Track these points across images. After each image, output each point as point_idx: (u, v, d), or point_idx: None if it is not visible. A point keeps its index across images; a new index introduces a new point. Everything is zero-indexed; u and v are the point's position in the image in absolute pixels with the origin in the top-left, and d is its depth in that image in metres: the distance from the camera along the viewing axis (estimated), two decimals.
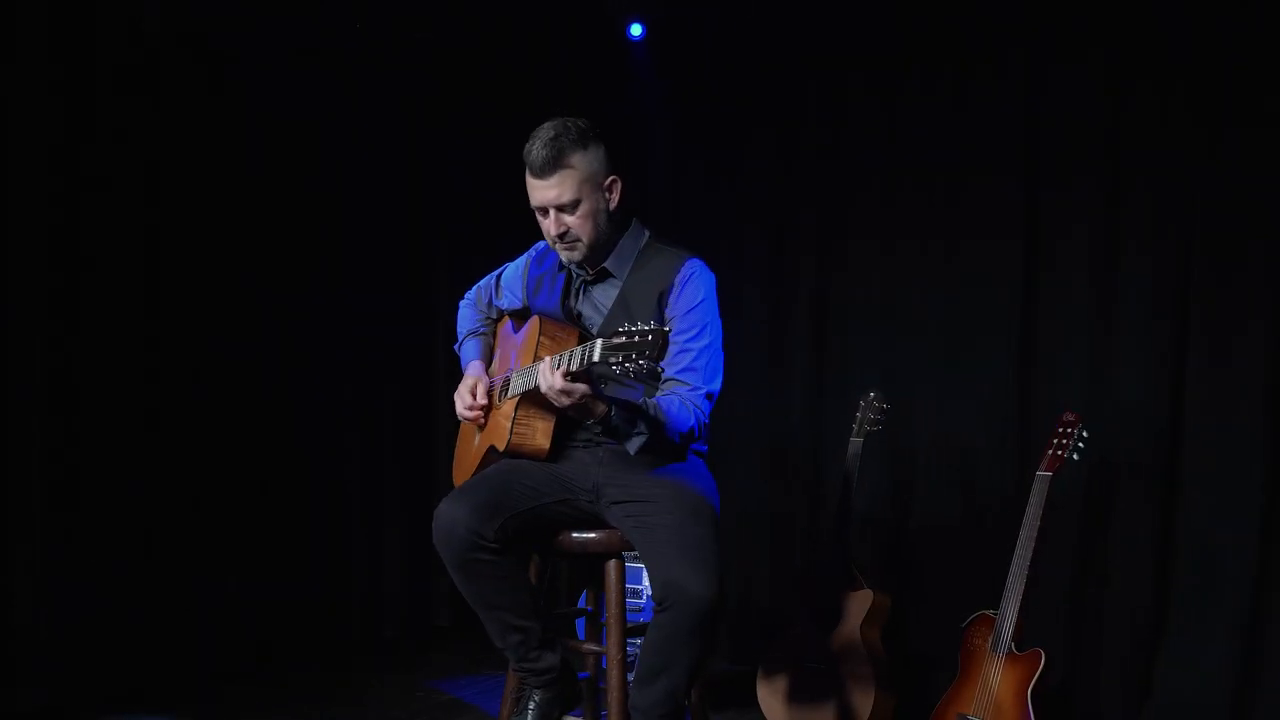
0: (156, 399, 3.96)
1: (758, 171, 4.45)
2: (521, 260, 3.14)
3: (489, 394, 3.00)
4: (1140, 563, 3.54)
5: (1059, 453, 3.33)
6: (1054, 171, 3.75)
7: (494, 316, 3.23)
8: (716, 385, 2.84)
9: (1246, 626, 3.34)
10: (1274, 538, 3.31)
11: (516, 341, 3.01)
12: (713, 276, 2.86)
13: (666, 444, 2.77)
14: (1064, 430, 3.35)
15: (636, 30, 4.71)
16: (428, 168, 4.77)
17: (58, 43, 3.64)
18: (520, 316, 3.11)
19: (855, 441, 3.70)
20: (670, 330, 2.57)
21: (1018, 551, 3.29)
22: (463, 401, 3.00)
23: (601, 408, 2.65)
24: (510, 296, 3.14)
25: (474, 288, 3.26)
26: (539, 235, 2.91)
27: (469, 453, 3.08)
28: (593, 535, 2.82)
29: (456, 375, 4.66)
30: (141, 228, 3.89)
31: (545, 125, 2.78)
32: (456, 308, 3.29)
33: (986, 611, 3.34)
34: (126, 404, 3.87)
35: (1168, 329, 3.52)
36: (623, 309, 2.83)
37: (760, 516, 4.41)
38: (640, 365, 2.38)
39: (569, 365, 2.55)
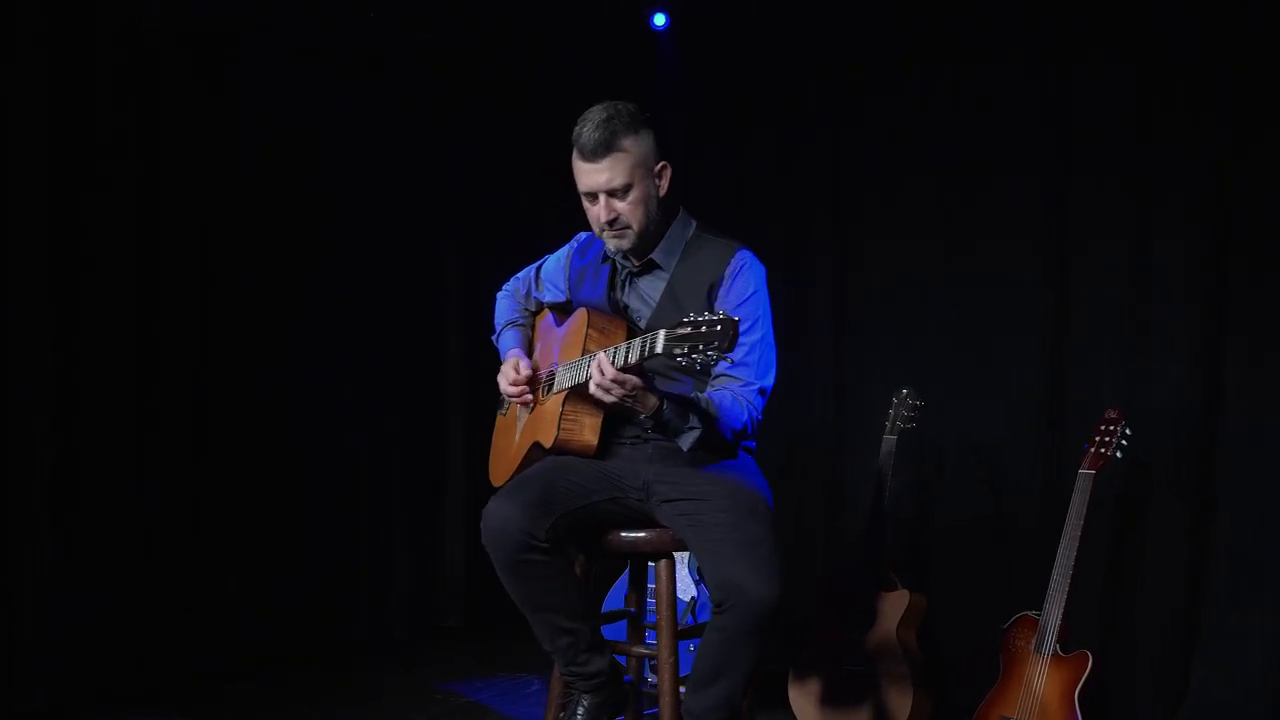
0: (157, 399, 3.89)
1: (774, 168, 4.38)
2: (563, 252, 3.04)
3: (532, 384, 2.90)
4: (1174, 563, 3.49)
5: (1103, 450, 3.28)
6: (1085, 168, 3.69)
7: (532, 309, 3.13)
8: (770, 380, 2.76)
9: None
10: None
11: (560, 335, 2.92)
12: (763, 268, 2.79)
13: (719, 440, 2.69)
14: (1106, 428, 3.30)
15: (660, 20, 4.62)
16: (428, 166, 4.70)
17: (58, 41, 3.57)
18: (562, 310, 3.01)
19: (889, 439, 3.63)
20: None
21: (1061, 551, 3.23)
22: (506, 379, 2.90)
23: (653, 401, 2.56)
24: (552, 289, 3.04)
25: (512, 279, 3.17)
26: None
27: (509, 449, 2.98)
28: (643, 534, 2.74)
29: (470, 372, 4.68)
30: (140, 227, 3.82)
31: (595, 108, 2.69)
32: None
33: (1029, 613, 3.28)
34: (127, 404, 3.80)
35: (1202, 329, 3.46)
36: (671, 301, 2.75)
37: (781, 517, 4.31)
38: (709, 356, 2.29)
39: (629, 358, 2.45)
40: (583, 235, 3.01)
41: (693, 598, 3.90)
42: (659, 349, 2.37)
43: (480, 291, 4.66)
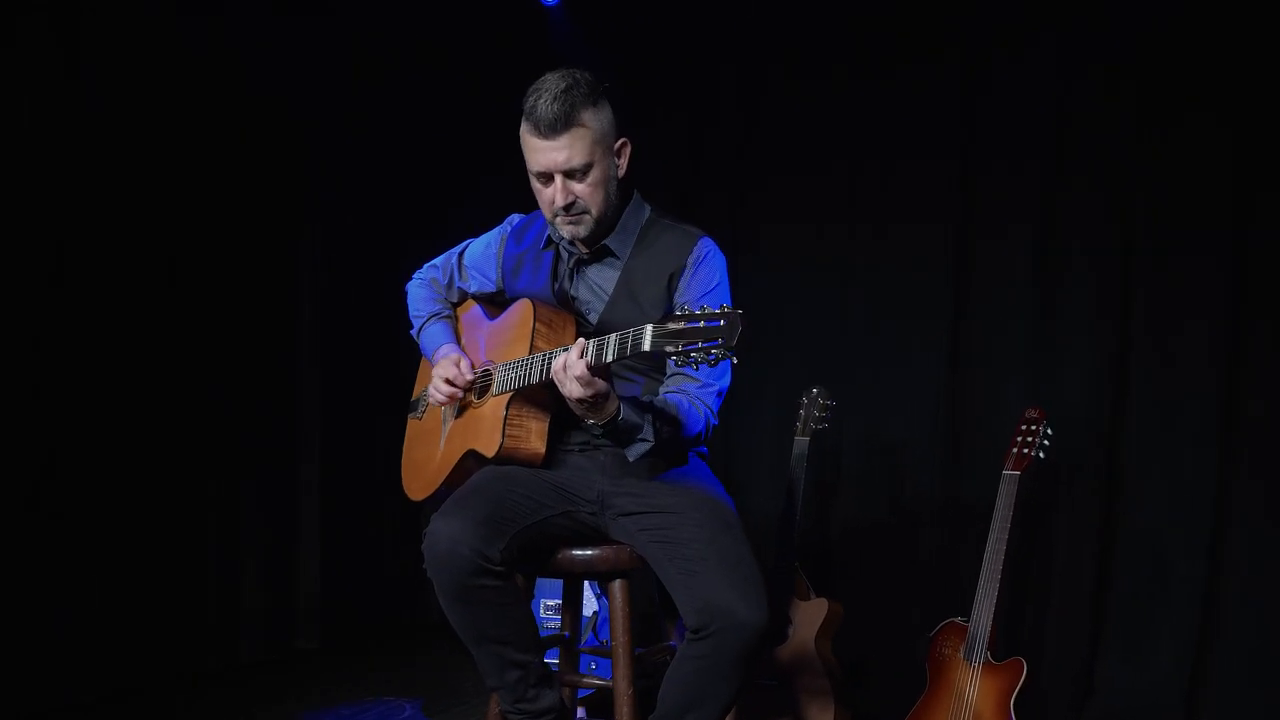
0: None
1: (669, 151, 4.17)
2: (492, 237, 2.72)
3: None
4: (1084, 563, 3.48)
5: (1025, 450, 3.21)
6: (992, 161, 3.65)
7: (454, 300, 2.79)
8: (727, 381, 2.53)
9: (1195, 627, 3.30)
10: (1223, 536, 3.29)
11: (493, 329, 2.61)
12: (724, 257, 2.56)
13: (672, 449, 2.45)
14: (1028, 428, 3.24)
15: None
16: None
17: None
18: (492, 301, 2.70)
19: (801, 441, 3.46)
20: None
21: (988, 555, 3.14)
22: (442, 379, 2.57)
23: (612, 407, 2.30)
24: (479, 278, 2.72)
25: (425, 267, 2.83)
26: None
27: (431, 459, 2.64)
28: (597, 552, 2.46)
29: (325, 372, 4.26)
30: None
31: (550, 76, 2.40)
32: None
33: (956, 620, 3.18)
34: None
35: (1111, 326, 3.46)
36: (626, 292, 2.49)
37: None
38: (710, 356, 2.03)
39: (605, 356, 2.18)
40: (516, 218, 2.71)
41: (594, 612, 3.64)
42: (645, 346, 2.11)
43: (337, 280, 4.33)
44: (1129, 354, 3.44)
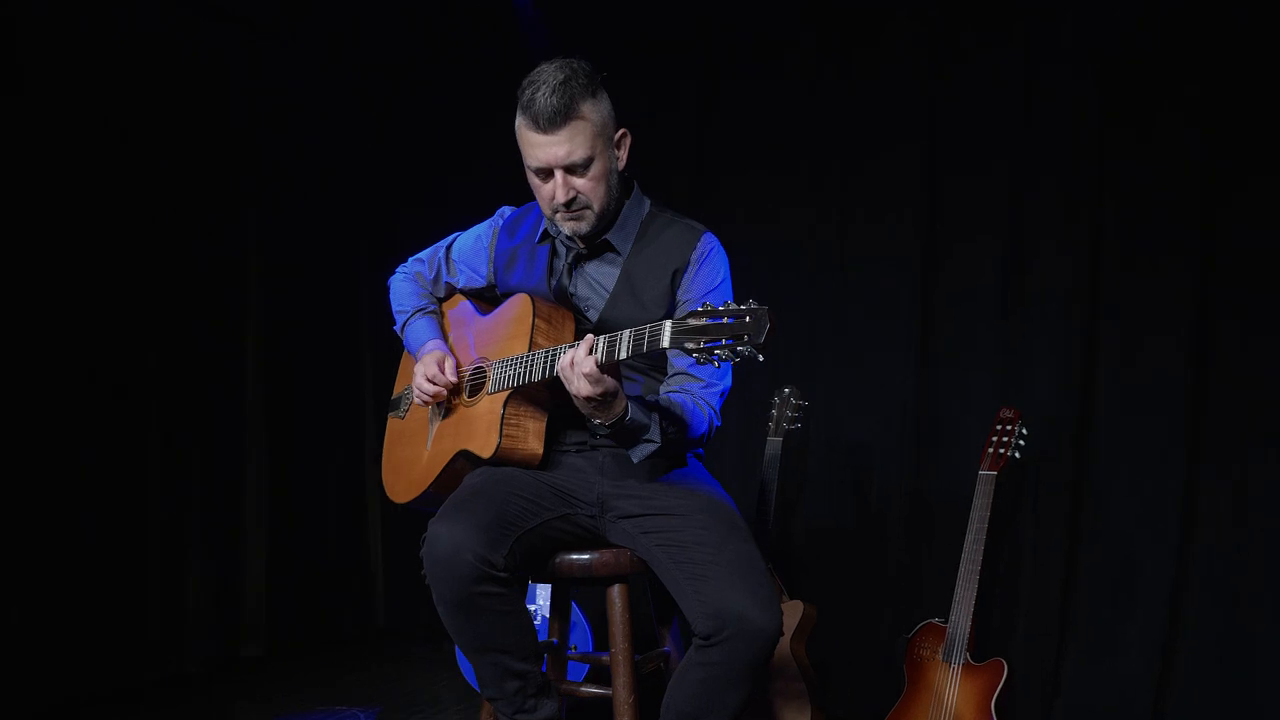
0: None
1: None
2: (483, 230, 2.62)
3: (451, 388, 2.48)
4: (1052, 564, 3.47)
5: (1001, 451, 3.22)
6: (960, 160, 3.62)
7: (441, 295, 2.69)
8: (729, 381, 2.47)
9: (1163, 628, 3.31)
10: (1190, 537, 3.31)
11: (487, 325, 2.51)
12: (726, 254, 2.49)
13: (675, 450, 2.39)
14: (1004, 428, 3.25)
15: None
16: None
17: None
18: (481, 297, 2.60)
19: (774, 441, 3.42)
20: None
21: (965, 556, 3.14)
22: (425, 377, 2.47)
23: (620, 406, 2.22)
24: (468, 273, 2.62)
25: (411, 260, 2.71)
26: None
27: (417, 460, 2.53)
28: (597, 556, 2.38)
29: (271, 371, 4.09)
30: None
31: (546, 66, 2.30)
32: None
33: (934, 620, 3.17)
34: None
35: (1079, 326, 3.45)
36: (627, 289, 2.41)
37: None
38: (735, 354, 1.97)
39: (617, 353, 2.10)
40: (507, 210, 2.61)
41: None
42: (664, 344, 2.03)
43: (287, 279, 4.17)
44: (1097, 354, 3.44)
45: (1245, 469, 3.24)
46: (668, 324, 2.03)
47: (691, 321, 2.00)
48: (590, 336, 2.15)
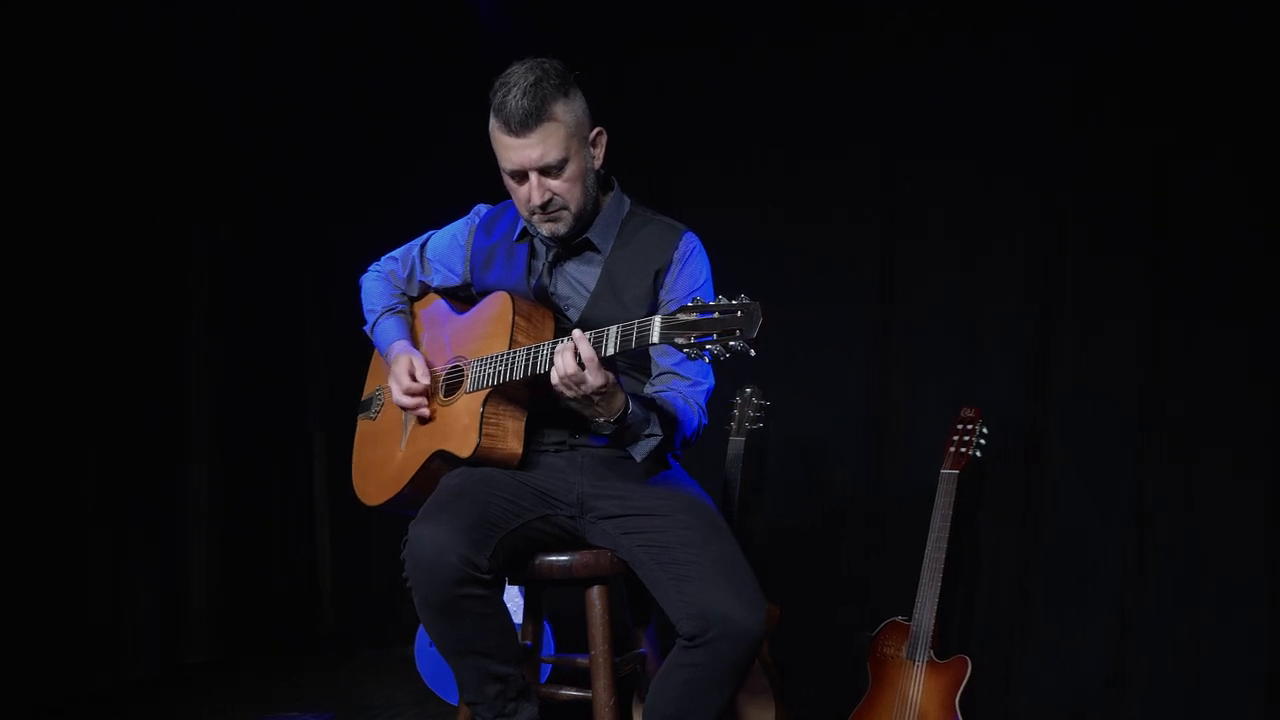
0: None
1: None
2: (459, 228, 2.57)
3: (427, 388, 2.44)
4: (1009, 561, 3.52)
5: (963, 450, 3.24)
6: (919, 159, 3.65)
7: (414, 294, 2.64)
8: (713, 380, 2.47)
9: (1118, 624, 3.37)
10: (1144, 536, 3.36)
11: (464, 324, 2.47)
12: (707, 253, 2.49)
13: (666, 449, 2.38)
14: (965, 427, 3.27)
15: None
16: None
17: None
18: (456, 296, 2.56)
19: (736, 441, 3.41)
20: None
21: (929, 554, 3.15)
22: (401, 385, 2.43)
23: (619, 401, 2.20)
24: (443, 271, 2.58)
25: (384, 259, 2.67)
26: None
27: (390, 460, 2.48)
28: (577, 557, 2.35)
29: (217, 370, 3.98)
30: None
31: (517, 68, 2.28)
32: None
33: (898, 619, 3.19)
34: None
35: (1035, 326, 3.51)
36: (608, 288, 2.39)
37: None
38: (727, 348, 1.96)
39: (605, 350, 2.08)
40: (483, 208, 2.57)
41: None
42: (654, 339, 2.02)
43: (235, 278, 4.08)
44: (1053, 353, 3.49)
45: (1194, 466, 3.30)
46: (657, 319, 2.02)
47: (682, 317, 2.00)
48: (578, 331, 2.12)
